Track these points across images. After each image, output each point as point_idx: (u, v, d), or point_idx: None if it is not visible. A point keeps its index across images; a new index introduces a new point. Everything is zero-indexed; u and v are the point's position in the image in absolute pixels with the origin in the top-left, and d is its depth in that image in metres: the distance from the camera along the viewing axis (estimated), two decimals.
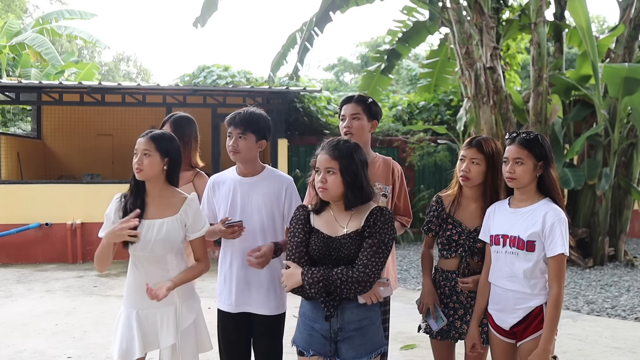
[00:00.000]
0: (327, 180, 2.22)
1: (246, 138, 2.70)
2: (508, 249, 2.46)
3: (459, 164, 2.76)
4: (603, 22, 25.60)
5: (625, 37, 9.00)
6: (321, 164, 2.25)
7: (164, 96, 9.54)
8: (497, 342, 2.56)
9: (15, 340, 4.70)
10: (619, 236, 8.87)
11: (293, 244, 2.31)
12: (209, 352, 2.73)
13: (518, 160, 2.43)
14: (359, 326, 2.25)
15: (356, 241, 2.22)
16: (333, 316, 2.24)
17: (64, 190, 9.21)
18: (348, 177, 2.22)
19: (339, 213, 2.29)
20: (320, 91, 11.43)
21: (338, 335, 2.25)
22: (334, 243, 2.24)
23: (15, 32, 15.78)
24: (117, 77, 30.56)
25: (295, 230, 2.33)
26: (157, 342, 2.51)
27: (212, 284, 6.96)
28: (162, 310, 2.50)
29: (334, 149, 2.25)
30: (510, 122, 8.68)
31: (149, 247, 2.44)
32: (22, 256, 8.87)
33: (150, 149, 2.45)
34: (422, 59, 19.66)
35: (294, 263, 2.27)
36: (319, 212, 2.32)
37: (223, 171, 2.94)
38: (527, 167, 2.43)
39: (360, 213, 2.26)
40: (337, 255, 2.23)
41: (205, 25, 9.55)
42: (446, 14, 9.00)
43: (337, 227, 2.27)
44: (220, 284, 2.82)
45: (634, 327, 5.40)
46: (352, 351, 2.23)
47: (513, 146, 2.46)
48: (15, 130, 12.70)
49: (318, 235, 2.27)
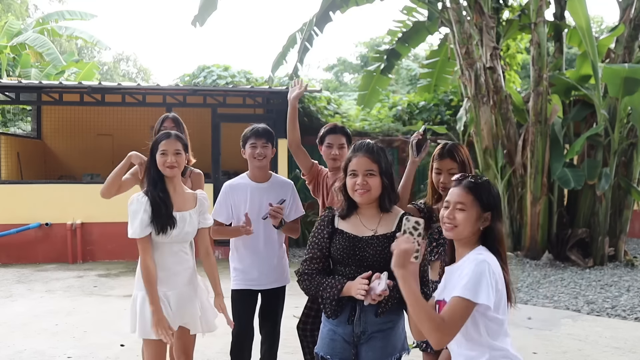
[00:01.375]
0: (368, 183, 2.21)
1: (267, 146, 3.30)
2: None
3: (435, 177, 2.79)
4: (601, 22, 25.61)
5: (625, 37, 9.00)
6: (361, 167, 2.23)
7: (164, 96, 9.53)
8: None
9: (15, 340, 4.70)
10: (619, 236, 8.88)
11: (315, 241, 2.31)
12: (209, 352, 2.73)
13: (460, 206, 2.00)
14: (381, 329, 2.23)
15: (384, 243, 2.20)
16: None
17: (64, 190, 9.21)
18: (386, 178, 2.25)
19: (368, 216, 2.28)
20: (320, 91, 11.43)
21: (361, 338, 2.22)
22: (360, 243, 2.23)
23: (15, 32, 15.78)
24: (116, 77, 30.55)
25: (318, 230, 2.33)
26: (184, 316, 2.79)
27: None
28: (187, 289, 2.82)
29: (372, 151, 2.25)
30: (510, 122, 8.69)
31: (182, 235, 2.77)
32: (22, 256, 8.86)
33: (180, 149, 2.79)
34: (422, 59, 19.66)
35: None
36: (347, 216, 2.31)
37: (235, 177, 3.41)
38: (469, 215, 1.99)
39: (389, 216, 2.28)
40: (361, 255, 2.21)
41: (204, 24, 9.55)
42: (446, 14, 9.01)
43: (363, 229, 2.26)
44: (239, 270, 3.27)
45: (634, 327, 5.40)
46: (372, 353, 2.22)
47: (458, 189, 2.03)
48: (15, 130, 12.69)
49: (343, 236, 2.26)
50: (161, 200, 2.73)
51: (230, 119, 9.79)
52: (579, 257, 8.45)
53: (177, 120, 3.53)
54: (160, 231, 2.71)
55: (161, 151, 2.75)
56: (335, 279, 2.21)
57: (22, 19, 20.71)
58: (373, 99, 11.54)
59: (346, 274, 2.23)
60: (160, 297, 2.72)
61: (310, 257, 2.29)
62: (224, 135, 9.47)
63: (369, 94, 11.32)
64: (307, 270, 2.28)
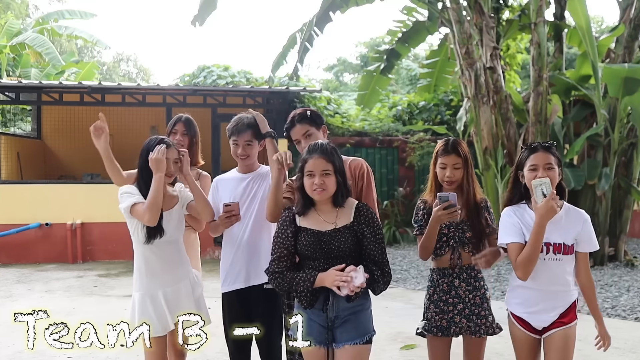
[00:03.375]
0: (324, 182, 2.39)
1: (252, 144, 3.10)
2: (552, 255, 2.57)
3: (439, 171, 2.84)
4: (601, 22, 25.61)
5: (625, 37, 9.00)
6: (317, 167, 2.40)
7: (164, 96, 9.54)
8: (526, 339, 2.65)
9: (15, 340, 4.70)
10: (619, 236, 8.87)
11: (280, 241, 2.46)
12: (209, 352, 2.73)
13: (548, 166, 2.56)
14: (353, 311, 2.42)
15: (346, 234, 2.42)
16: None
17: (64, 190, 9.21)
18: (340, 176, 2.44)
19: (325, 212, 2.47)
20: (320, 91, 11.43)
21: (335, 322, 2.41)
22: (324, 237, 2.41)
23: (15, 32, 15.78)
24: (116, 77, 30.55)
25: (281, 230, 2.48)
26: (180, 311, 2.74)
27: (212, 284, 6.95)
28: (183, 284, 2.90)
29: (326, 152, 2.43)
30: (510, 122, 8.68)
31: (170, 232, 2.86)
32: (22, 256, 8.87)
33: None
34: (422, 59, 19.67)
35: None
36: (304, 213, 2.47)
37: (225, 173, 3.29)
38: (556, 172, 2.57)
39: (345, 209, 2.47)
40: (327, 248, 2.40)
41: (203, 24, 9.55)
42: (446, 14, 9.01)
43: (324, 224, 2.45)
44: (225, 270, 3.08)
45: (634, 327, 5.40)
46: (346, 334, 2.41)
47: (540, 153, 2.58)
48: (15, 130, 12.69)
49: (307, 232, 2.44)
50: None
51: (230, 119, 9.71)
52: None
53: (190, 123, 3.52)
54: (148, 240, 2.81)
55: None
56: (307, 273, 2.39)
57: (22, 19, 20.71)
58: (373, 99, 11.54)
59: (315, 267, 2.41)
60: (154, 296, 2.82)
61: (278, 256, 2.45)
62: (224, 135, 9.45)
63: (369, 94, 11.32)
64: (277, 269, 2.44)
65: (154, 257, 2.86)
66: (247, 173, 3.16)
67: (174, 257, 2.91)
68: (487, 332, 2.78)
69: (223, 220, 2.96)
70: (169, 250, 2.89)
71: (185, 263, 2.97)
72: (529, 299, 2.62)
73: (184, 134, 3.47)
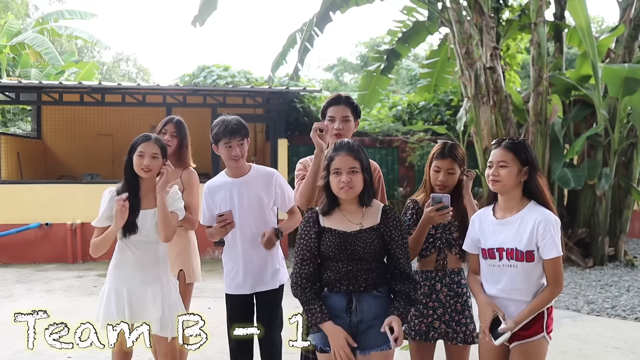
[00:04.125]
0: (352, 180, 2.32)
1: (244, 142, 3.04)
2: (506, 262, 2.44)
3: (433, 174, 2.82)
4: (602, 22, 25.61)
5: (625, 37, 9.00)
6: (344, 165, 2.33)
7: (164, 96, 9.53)
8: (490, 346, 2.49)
9: (15, 340, 4.69)
10: (619, 236, 8.87)
11: (303, 243, 2.38)
12: (208, 352, 2.73)
13: (502, 164, 2.44)
14: (377, 315, 2.32)
15: (372, 236, 2.34)
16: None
17: (64, 190, 9.21)
18: (367, 174, 2.37)
19: (351, 212, 2.39)
20: (320, 91, 11.42)
21: (358, 328, 2.33)
22: (350, 238, 2.33)
23: (15, 32, 15.77)
24: (116, 77, 30.54)
25: (304, 232, 2.40)
26: (144, 315, 2.77)
27: (212, 284, 6.95)
28: (152, 287, 2.83)
29: (353, 150, 2.36)
30: (510, 122, 8.68)
31: (145, 232, 2.81)
32: (22, 256, 8.86)
33: (158, 152, 2.83)
34: (422, 59, 19.67)
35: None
36: (328, 213, 2.40)
37: (215, 177, 3.22)
38: (511, 170, 2.43)
39: (371, 210, 2.40)
40: (352, 249, 2.33)
41: (204, 24, 9.55)
42: (446, 14, 9.00)
43: (349, 224, 2.37)
44: (230, 272, 3.11)
45: (634, 327, 5.40)
46: (372, 340, 2.31)
47: (498, 150, 2.48)
48: (15, 130, 12.69)
49: (332, 233, 2.36)
50: (130, 205, 2.78)
51: None
52: (579, 257, 8.45)
53: (180, 125, 3.48)
54: (122, 235, 2.80)
55: (139, 153, 2.80)
56: (322, 312, 2.29)
57: (22, 19, 20.71)
58: (373, 99, 11.53)
59: (338, 269, 2.34)
60: (119, 292, 2.81)
61: (301, 259, 2.38)
62: None
63: (369, 94, 11.31)
64: (299, 282, 2.36)
65: (128, 253, 2.84)
66: (238, 177, 3.10)
67: (148, 258, 2.85)
68: (466, 340, 2.72)
69: (218, 230, 2.94)
70: (144, 250, 2.84)
71: (161, 267, 2.90)
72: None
73: (174, 136, 3.43)
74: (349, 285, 2.33)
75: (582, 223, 8.72)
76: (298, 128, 11.33)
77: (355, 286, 2.33)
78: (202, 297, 6.07)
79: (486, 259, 2.52)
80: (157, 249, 2.87)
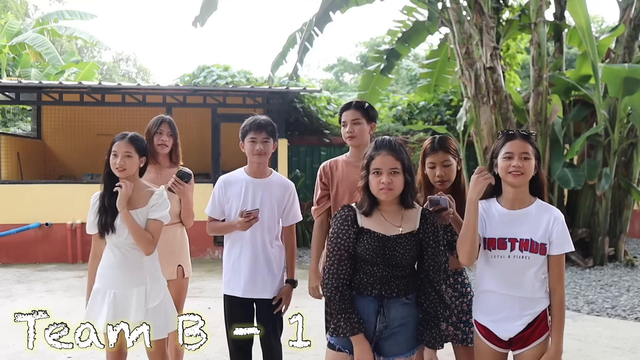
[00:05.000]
0: (392, 181, 2.22)
1: (269, 141, 3.01)
2: (518, 252, 2.33)
3: (429, 171, 2.75)
4: (601, 22, 25.61)
5: (625, 37, 9.00)
6: (385, 165, 2.23)
7: (164, 96, 9.53)
8: (490, 352, 2.42)
9: (15, 340, 4.69)
10: (619, 236, 8.87)
11: (340, 242, 2.26)
12: (209, 352, 2.73)
13: (525, 155, 2.31)
14: (403, 322, 2.27)
15: (411, 241, 2.26)
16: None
17: (64, 190, 9.20)
18: (409, 176, 2.27)
19: (390, 213, 2.30)
20: (320, 91, 11.42)
21: (382, 333, 2.26)
22: (389, 242, 2.24)
23: (15, 32, 15.78)
24: (116, 77, 30.53)
25: (341, 230, 2.27)
26: (126, 317, 2.73)
27: (212, 284, 6.95)
28: (137, 290, 2.78)
29: (395, 149, 2.27)
30: (510, 122, 8.68)
31: (126, 234, 2.75)
32: (22, 256, 8.86)
33: (131, 151, 2.77)
34: (422, 59, 19.65)
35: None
36: (369, 213, 2.29)
37: (232, 172, 3.18)
38: (532, 163, 2.32)
39: (410, 213, 2.31)
40: (391, 254, 2.24)
41: (204, 24, 9.55)
42: (446, 14, 9.00)
43: (390, 227, 2.27)
44: (229, 273, 3.09)
45: (634, 327, 5.41)
46: (395, 347, 2.27)
47: (518, 141, 2.33)
48: (15, 130, 12.68)
49: (371, 235, 2.25)
50: (107, 204, 2.79)
51: (230, 119, 9.78)
52: (579, 257, 8.45)
53: (173, 124, 3.51)
54: (100, 236, 2.81)
55: (113, 152, 2.78)
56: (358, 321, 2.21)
57: (22, 19, 20.71)
58: (373, 99, 11.52)
59: (373, 273, 2.25)
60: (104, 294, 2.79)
61: (339, 260, 2.26)
62: (224, 135, 9.47)
63: (369, 94, 11.31)
64: (339, 286, 2.24)
65: (112, 255, 2.81)
66: (257, 178, 3.07)
67: (131, 260, 2.80)
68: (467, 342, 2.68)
69: (243, 224, 2.91)
70: (128, 251, 2.79)
71: (146, 269, 2.82)
72: (493, 305, 2.40)
73: (170, 135, 3.45)
74: (381, 290, 2.25)
75: (582, 223, 8.71)
76: (298, 128, 11.32)
77: (387, 292, 2.25)
78: (202, 297, 6.07)
79: (492, 249, 2.38)
80: (141, 252, 2.80)
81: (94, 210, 2.83)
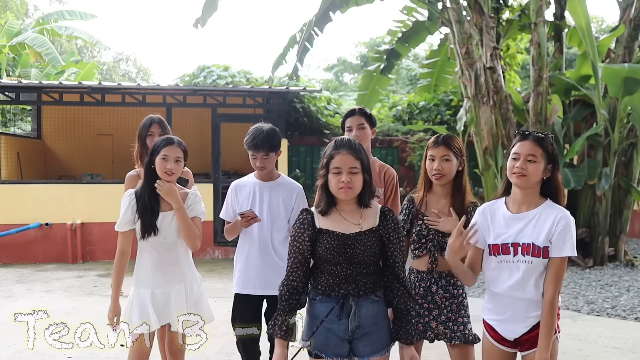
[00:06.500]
0: (352, 180, 2.24)
1: (269, 157, 3.11)
2: (521, 257, 2.33)
3: (428, 164, 2.77)
4: (601, 22, 25.61)
5: (625, 37, 8.99)
6: (345, 164, 2.24)
7: (164, 96, 9.53)
8: (497, 352, 2.45)
9: (15, 340, 4.70)
10: (619, 236, 8.87)
11: (296, 245, 2.30)
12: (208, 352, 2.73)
13: (530, 158, 2.30)
14: (375, 321, 2.28)
15: (371, 238, 2.27)
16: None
17: (64, 190, 9.21)
18: (367, 175, 2.29)
19: (349, 212, 2.31)
20: (320, 91, 11.42)
21: (355, 333, 2.26)
22: (349, 240, 2.25)
23: (15, 32, 15.78)
24: (116, 77, 30.53)
25: (297, 234, 2.31)
26: (170, 316, 2.84)
27: (212, 284, 6.96)
28: (175, 288, 2.88)
29: (354, 148, 2.28)
30: (510, 122, 8.68)
31: (164, 234, 2.84)
32: (22, 256, 8.86)
33: (181, 156, 2.86)
34: (422, 59, 19.66)
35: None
36: (326, 213, 2.31)
37: (244, 177, 3.35)
38: (538, 166, 2.31)
39: (370, 211, 2.32)
40: (352, 252, 2.25)
41: (205, 25, 9.56)
42: (446, 14, 9.01)
43: (349, 225, 2.28)
44: (240, 272, 3.19)
45: (634, 327, 5.40)
46: (370, 347, 2.27)
47: (527, 142, 2.33)
48: (15, 130, 12.68)
49: (330, 235, 2.27)
50: (150, 207, 2.83)
51: (230, 119, 9.79)
52: (579, 257, 8.44)
53: (163, 123, 3.53)
54: (142, 237, 2.84)
55: (162, 156, 2.82)
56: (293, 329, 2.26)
57: (22, 19, 20.72)
58: (373, 99, 11.54)
59: (338, 273, 2.27)
60: (143, 295, 2.84)
61: (292, 263, 2.31)
62: (224, 135, 9.47)
63: (369, 94, 11.32)
64: (289, 291, 2.29)
65: (149, 256, 2.87)
66: (265, 181, 3.22)
67: (169, 259, 2.89)
68: (466, 339, 2.69)
69: (243, 224, 3.06)
70: (164, 251, 2.87)
71: (183, 265, 2.93)
72: (498, 306, 2.43)
73: (161, 135, 3.40)
74: (348, 289, 2.26)
75: (582, 223, 8.71)
76: (298, 128, 11.33)
77: (354, 290, 2.26)
78: None
79: (497, 255, 2.40)
80: (176, 249, 2.90)
81: (131, 210, 2.84)
